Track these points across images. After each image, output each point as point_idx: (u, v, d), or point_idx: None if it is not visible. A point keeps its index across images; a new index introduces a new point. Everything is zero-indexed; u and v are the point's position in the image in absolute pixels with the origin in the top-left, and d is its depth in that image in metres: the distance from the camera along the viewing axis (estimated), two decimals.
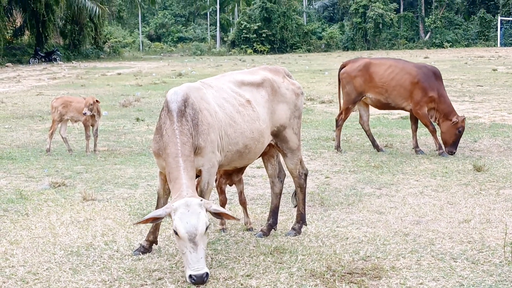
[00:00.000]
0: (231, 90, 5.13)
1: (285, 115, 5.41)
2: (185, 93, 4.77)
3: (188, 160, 4.53)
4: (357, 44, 58.55)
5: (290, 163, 5.57)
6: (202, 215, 4.25)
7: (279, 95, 5.38)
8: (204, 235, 4.27)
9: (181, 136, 4.58)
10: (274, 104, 5.34)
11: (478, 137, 10.59)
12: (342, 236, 5.49)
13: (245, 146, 5.06)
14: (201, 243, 4.23)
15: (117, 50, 52.77)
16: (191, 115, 4.68)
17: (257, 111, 5.16)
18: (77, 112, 9.63)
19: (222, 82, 5.20)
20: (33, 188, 7.42)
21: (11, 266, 4.79)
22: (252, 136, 5.09)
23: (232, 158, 5.06)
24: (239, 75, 5.40)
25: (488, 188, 7.19)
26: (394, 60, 10.31)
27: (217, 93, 5.02)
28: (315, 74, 26.96)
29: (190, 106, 4.71)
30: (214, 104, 4.90)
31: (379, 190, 7.27)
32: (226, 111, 4.95)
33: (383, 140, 10.54)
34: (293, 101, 5.48)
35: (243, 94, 5.16)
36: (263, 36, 56.91)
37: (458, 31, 58.63)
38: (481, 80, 21.89)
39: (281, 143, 5.46)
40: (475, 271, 4.60)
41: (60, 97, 10.20)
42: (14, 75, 29.73)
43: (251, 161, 5.35)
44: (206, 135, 4.71)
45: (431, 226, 5.77)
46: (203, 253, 4.25)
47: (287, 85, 5.49)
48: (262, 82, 5.33)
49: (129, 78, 26.53)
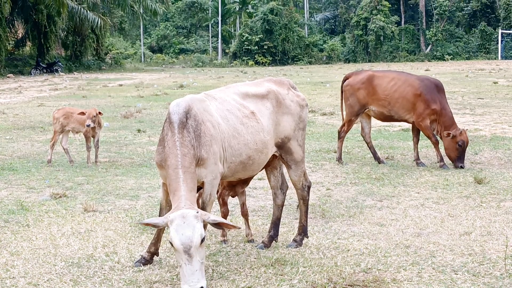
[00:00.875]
0: (235, 101, 5.15)
1: (289, 127, 5.43)
2: (188, 104, 4.79)
3: (188, 171, 4.53)
4: (359, 56, 58.70)
5: (294, 175, 5.58)
6: (198, 227, 4.23)
7: (283, 106, 5.40)
8: (200, 247, 4.23)
9: (181, 148, 4.59)
10: (278, 115, 5.36)
11: (479, 149, 10.60)
12: (343, 248, 5.49)
13: (249, 157, 5.08)
14: (197, 255, 4.20)
15: (119, 62, 52.91)
16: (193, 127, 4.70)
17: (261, 122, 5.18)
18: (79, 123, 9.66)
19: (227, 94, 5.23)
20: (34, 199, 7.43)
21: (12, 277, 4.79)
22: (256, 147, 5.10)
23: (236, 169, 5.07)
24: (244, 86, 5.43)
25: (489, 201, 7.19)
26: (397, 72, 10.35)
27: (220, 105, 5.05)
28: (316, 86, 27.02)
29: (193, 117, 4.73)
30: (217, 115, 4.92)
31: (380, 202, 7.27)
32: (230, 123, 4.97)
33: (384, 152, 10.55)
34: (298, 112, 5.50)
35: (247, 106, 5.18)
36: (265, 48, 57.06)
37: (459, 44, 58.79)
38: (482, 93, 21.92)
39: (286, 155, 5.48)
40: (476, 283, 4.60)
41: (62, 108, 10.24)
42: (15, 86, 29.81)
43: (255, 172, 5.35)
44: (208, 146, 4.72)
45: (432, 239, 5.77)
46: (198, 265, 4.20)
47: (292, 96, 5.51)
48: (267, 94, 5.36)
49: (130, 90, 26.58)
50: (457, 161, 9.20)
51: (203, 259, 4.32)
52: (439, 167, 9.29)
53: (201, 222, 4.28)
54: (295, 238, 5.66)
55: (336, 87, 25.59)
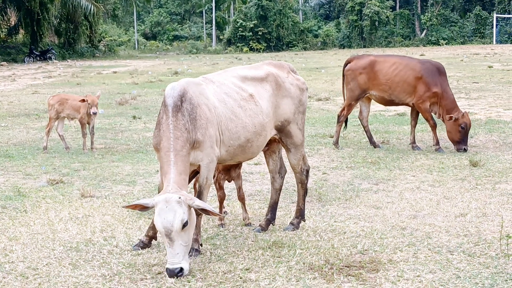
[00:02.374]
0: (234, 84, 5.16)
1: (289, 110, 5.43)
2: (183, 88, 4.80)
3: (179, 155, 4.57)
4: (353, 41, 58.59)
5: (293, 159, 5.60)
6: (179, 212, 4.30)
7: (283, 89, 5.41)
8: (182, 231, 4.33)
9: (174, 131, 4.62)
10: (278, 98, 5.37)
11: (474, 133, 10.64)
12: (340, 231, 5.52)
13: (248, 140, 5.09)
14: (178, 239, 4.32)
15: (112, 49, 52.63)
16: (189, 110, 4.71)
17: (260, 105, 5.19)
18: (73, 109, 9.65)
19: (225, 77, 5.23)
20: (31, 185, 7.44)
21: (11, 262, 4.81)
22: (254, 130, 5.11)
23: (235, 152, 5.09)
24: (243, 70, 5.43)
25: (484, 183, 7.24)
26: (399, 57, 10.31)
27: (218, 88, 5.05)
28: (311, 72, 26.99)
29: (188, 101, 4.74)
30: (214, 99, 4.93)
31: (376, 185, 7.31)
32: (227, 106, 4.98)
33: (379, 136, 10.58)
34: (298, 96, 5.51)
35: (246, 89, 5.18)
36: (259, 34, 56.88)
37: (454, 29, 58.72)
38: (477, 77, 21.96)
39: (285, 138, 5.49)
40: (472, 263, 4.65)
41: (57, 95, 10.23)
42: (9, 73, 29.67)
43: (254, 155, 5.35)
44: (204, 129, 4.74)
45: (428, 220, 5.81)
46: (179, 249, 4.33)
47: (292, 80, 5.52)
48: (266, 77, 5.36)
49: (125, 77, 26.50)
50: (460, 143, 9.20)
51: (187, 242, 4.39)
52: (434, 151, 9.33)
53: (184, 207, 4.34)
54: (292, 221, 5.69)
55: (331, 73, 25.61)
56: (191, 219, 4.45)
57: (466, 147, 9.17)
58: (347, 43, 58.92)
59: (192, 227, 4.53)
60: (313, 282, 4.34)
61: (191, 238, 4.51)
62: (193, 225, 4.55)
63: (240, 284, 4.32)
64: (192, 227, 4.53)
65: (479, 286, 4.22)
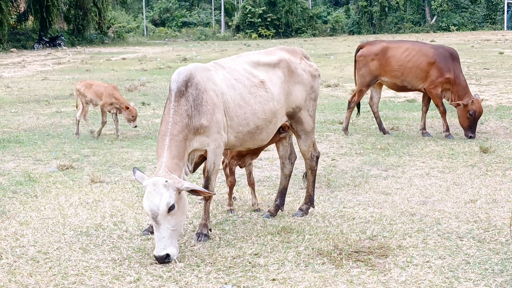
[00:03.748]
0: (245, 70, 5.14)
1: (301, 97, 5.41)
2: (190, 73, 4.79)
3: (174, 139, 4.59)
4: (363, 28, 58.18)
5: (304, 145, 5.58)
6: (165, 195, 4.32)
7: (295, 76, 5.38)
8: (169, 215, 4.35)
9: (174, 116, 4.65)
10: (290, 85, 5.35)
11: (485, 119, 10.57)
12: (349, 217, 5.52)
13: (257, 127, 5.08)
14: (165, 223, 4.34)
15: (121, 35, 52.58)
16: (194, 95, 4.72)
17: (271, 91, 5.16)
18: (96, 95, 9.64)
19: (236, 63, 5.21)
20: (41, 171, 7.48)
21: (22, 246, 4.85)
22: (264, 117, 5.10)
23: (244, 138, 5.08)
24: (255, 55, 5.40)
25: (494, 169, 7.21)
26: (411, 42, 10.17)
27: (228, 74, 5.03)
28: (320, 58, 26.86)
29: (194, 86, 4.74)
30: (222, 85, 4.92)
31: (386, 171, 7.29)
32: (236, 92, 4.97)
33: (389, 123, 10.54)
34: (310, 82, 5.48)
35: (257, 75, 5.16)
36: (268, 21, 56.61)
37: (464, 15, 58.18)
38: (487, 63, 21.79)
39: (296, 125, 5.47)
40: (481, 249, 4.64)
41: (83, 80, 10.35)
42: (19, 60, 29.76)
43: (264, 142, 5.34)
44: (210, 115, 4.74)
45: (438, 206, 5.80)
46: (166, 233, 4.35)
47: (304, 66, 5.49)
48: (279, 63, 5.33)
49: (133, 63, 26.51)
50: (468, 130, 9.15)
51: (174, 227, 4.39)
52: (444, 137, 9.28)
53: (171, 190, 4.35)
54: (301, 207, 5.70)
55: (341, 59, 25.49)
56: (180, 203, 4.45)
57: (473, 135, 9.09)
58: (357, 29, 58.53)
59: (182, 212, 4.50)
60: (322, 267, 4.35)
61: (179, 223, 4.49)
62: (183, 210, 4.52)
63: (249, 269, 4.34)
64: (182, 212, 4.50)
65: (489, 272, 4.21)
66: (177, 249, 4.49)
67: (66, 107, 13.39)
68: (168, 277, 4.22)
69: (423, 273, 4.22)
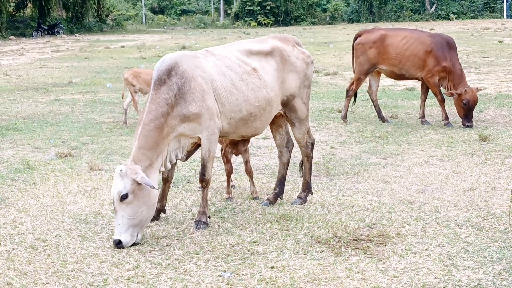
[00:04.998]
0: (237, 58, 5.12)
1: (294, 84, 5.39)
2: (175, 61, 4.77)
3: (144, 129, 4.61)
4: (362, 16, 57.97)
5: (298, 133, 5.58)
6: (119, 184, 4.42)
7: (288, 64, 5.36)
8: (123, 203, 4.41)
9: (150, 105, 4.68)
10: (283, 73, 5.33)
11: (484, 107, 10.57)
12: (348, 205, 5.52)
13: (250, 114, 5.07)
14: (120, 211, 4.43)
15: (120, 23, 52.40)
16: (179, 84, 4.70)
17: (263, 79, 5.15)
18: (146, 84, 9.49)
19: (228, 51, 5.19)
20: (40, 159, 7.47)
21: (20, 233, 4.85)
22: (257, 104, 5.08)
23: (237, 125, 5.06)
24: (248, 43, 5.39)
25: (493, 158, 7.20)
26: (409, 30, 10.12)
27: (219, 61, 5.01)
28: (320, 46, 26.80)
29: (180, 74, 4.72)
30: (212, 72, 4.88)
31: (385, 160, 7.28)
32: (227, 79, 4.94)
33: (388, 111, 10.52)
34: (303, 70, 5.46)
35: (249, 62, 5.14)
36: (267, 9, 56.39)
37: (464, 3, 57.95)
38: (487, 52, 21.74)
39: (290, 113, 5.46)
40: (480, 237, 4.64)
41: (130, 69, 10.27)
42: (17, 48, 29.66)
43: (259, 129, 5.31)
44: (200, 102, 4.73)
45: (436, 195, 5.80)
46: (121, 221, 4.44)
47: (297, 54, 5.46)
48: (272, 51, 5.31)
49: (132, 51, 26.42)
50: (464, 119, 9.14)
51: (131, 216, 4.42)
52: (444, 125, 9.27)
53: (126, 180, 4.41)
54: (300, 195, 5.69)
55: (340, 48, 25.41)
56: (139, 194, 4.44)
57: (470, 123, 9.06)
58: (356, 18, 58.31)
59: (142, 203, 4.47)
60: (320, 255, 4.35)
61: (139, 214, 4.47)
62: (144, 201, 4.48)
63: (248, 256, 4.34)
64: (142, 203, 4.47)
65: (488, 260, 4.22)
66: (133, 238, 4.48)
67: (64, 95, 13.36)
68: (167, 264, 4.23)
69: (422, 261, 4.22)
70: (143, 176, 4.43)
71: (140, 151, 4.58)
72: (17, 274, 4.10)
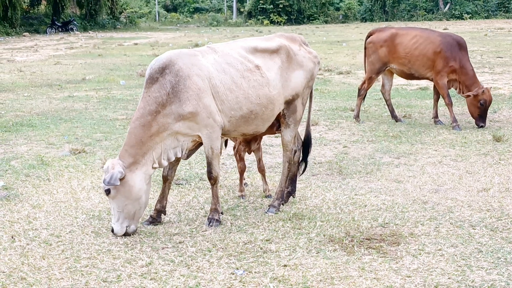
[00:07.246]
0: (240, 55, 5.05)
1: (300, 84, 5.34)
2: (169, 60, 4.75)
3: (131, 126, 4.72)
4: (376, 15, 57.73)
5: (289, 135, 5.41)
6: (102, 179, 4.59)
7: (295, 63, 5.31)
8: (109, 197, 4.60)
9: (140, 102, 4.76)
10: (289, 72, 5.26)
11: (498, 108, 10.49)
12: (361, 204, 5.51)
13: (251, 112, 5.00)
14: (111, 202, 4.64)
15: (134, 21, 52.55)
16: (172, 82, 4.67)
17: (266, 77, 5.07)
18: None
19: (231, 47, 5.13)
20: (54, 155, 7.51)
21: (35, 229, 4.89)
22: (258, 102, 5.01)
23: (237, 123, 4.99)
24: (253, 41, 5.31)
25: (507, 158, 7.15)
26: (421, 30, 10.04)
27: (220, 58, 4.95)
28: (332, 45, 26.72)
29: (174, 73, 4.69)
30: (211, 69, 4.83)
31: (398, 159, 7.26)
32: (227, 76, 4.88)
33: (401, 110, 10.48)
34: (311, 69, 5.41)
35: (253, 60, 5.07)
36: (280, 7, 56.30)
37: (478, 3, 57.55)
38: (501, 52, 21.58)
39: (289, 113, 5.34)
40: (494, 238, 4.61)
41: None
42: (31, 44, 29.84)
43: (260, 128, 5.20)
44: (196, 100, 4.70)
45: (450, 195, 5.77)
46: (113, 211, 4.66)
47: (304, 53, 5.41)
48: (278, 49, 5.25)
49: (145, 49, 26.50)
50: (478, 119, 9.06)
51: (119, 209, 4.60)
52: (452, 129, 9.20)
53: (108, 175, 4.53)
54: (273, 203, 5.40)
55: (353, 46, 25.33)
56: (119, 189, 4.55)
57: (484, 124, 9.00)
58: (369, 17, 58.08)
59: (126, 197, 4.59)
60: (333, 254, 4.35)
61: (126, 207, 4.61)
62: (128, 196, 4.59)
63: (260, 254, 4.35)
64: (126, 197, 4.59)
65: (501, 260, 4.19)
66: (123, 229, 4.65)
67: (78, 92, 13.43)
68: (180, 261, 4.24)
69: (435, 261, 4.21)
70: (113, 172, 4.52)
71: (124, 148, 4.69)
72: (31, 269, 4.13)
